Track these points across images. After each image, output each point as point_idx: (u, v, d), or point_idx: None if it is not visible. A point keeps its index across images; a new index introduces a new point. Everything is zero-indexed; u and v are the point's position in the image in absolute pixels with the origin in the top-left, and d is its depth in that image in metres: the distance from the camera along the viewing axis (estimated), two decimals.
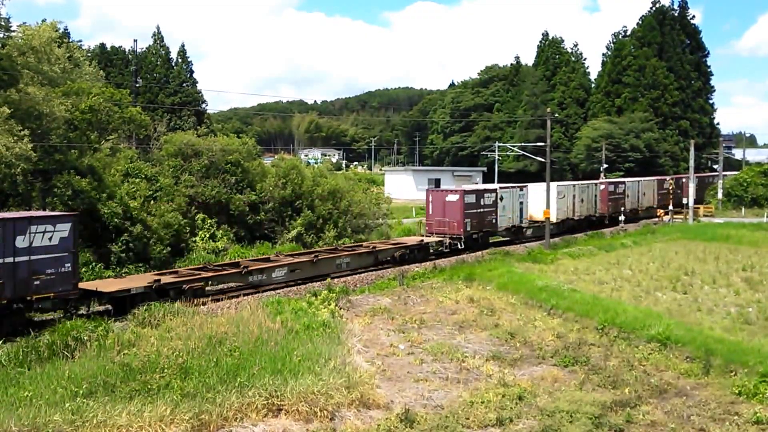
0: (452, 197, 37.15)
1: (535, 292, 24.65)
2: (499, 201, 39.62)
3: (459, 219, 36.55)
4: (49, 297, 19.71)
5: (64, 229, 19.90)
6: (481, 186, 43.77)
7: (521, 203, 42.22)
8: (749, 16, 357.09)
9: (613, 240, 42.05)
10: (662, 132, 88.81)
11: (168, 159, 40.69)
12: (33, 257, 19.24)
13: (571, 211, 46.71)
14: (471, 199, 37.33)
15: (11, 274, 18.83)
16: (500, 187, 41.09)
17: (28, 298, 19.30)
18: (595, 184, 50.94)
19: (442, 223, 36.87)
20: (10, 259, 18.80)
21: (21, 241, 19.00)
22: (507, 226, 41.10)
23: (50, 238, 19.59)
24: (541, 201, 41.30)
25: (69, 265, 20.07)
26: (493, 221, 39.44)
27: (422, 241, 35.28)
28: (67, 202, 28.79)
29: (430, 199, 38.14)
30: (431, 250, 35.69)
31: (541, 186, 43.67)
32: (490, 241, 40.49)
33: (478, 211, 37.97)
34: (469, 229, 37.13)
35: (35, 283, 19.29)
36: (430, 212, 37.89)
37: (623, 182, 54.71)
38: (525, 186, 43.66)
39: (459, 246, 36.49)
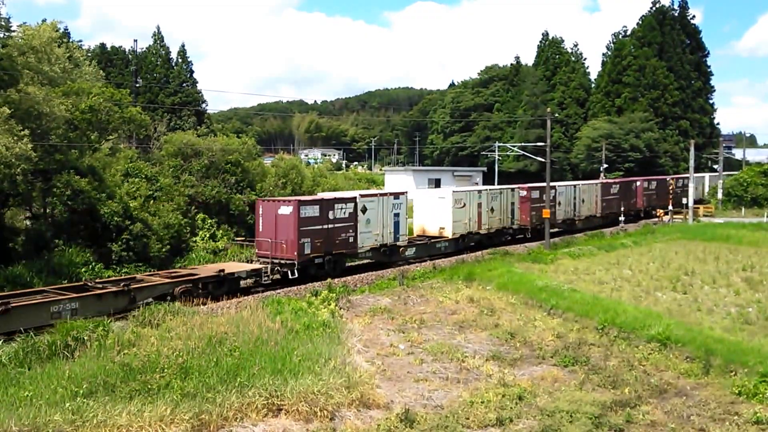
0: (285, 209, 28.21)
1: (535, 292, 24.66)
2: (360, 213, 30.93)
3: (292, 238, 27.78)
4: None
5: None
6: (332, 195, 32.80)
7: (396, 215, 33.08)
8: (749, 16, 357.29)
9: (613, 240, 42.06)
10: (662, 132, 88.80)
11: (168, 159, 40.72)
12: None
13: (475, 223, 38.47)
14: (311, 211, 28.49)
15: None
16: (361, 195, 32.17)
17: None
18: (512, 189, 42.77)
19: (272, 244, 28.09)
20: None
21: None
22: (373, 246, 31.82)
23: None
24: (436, 210, 36.59)
25: None
26: (351, 240, 30.48)
27: (222, 271, 25.60)
28: (67, 202, 28.82)
29: (261, 212, 29.14)
30: (241, 283, 26.92)
31: (430, 192, 39.42)
32: (348, 265, 32.39)
33: (325, 227, 28.98)
34: (308, 251, 28.28)
35: None
36: (260, 229, 29.02)
37: (554, 187, 44.53)
38: (403, 193, 34.64)
39: (291, 275, 27.62)
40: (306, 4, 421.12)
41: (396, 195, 33.70)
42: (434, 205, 36.83)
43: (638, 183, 57.68)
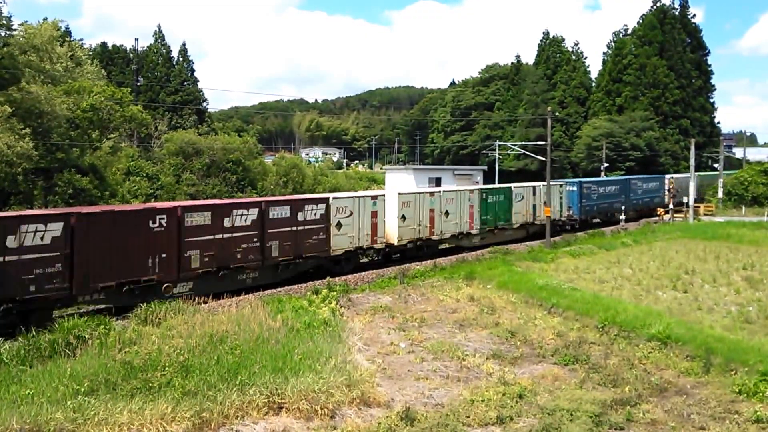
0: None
1: (535, 290, 24.67)
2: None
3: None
4: None
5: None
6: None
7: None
8: (751, 15, 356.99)
9: (613, 239, 42.03)
10: (663, 131, 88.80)
11: (169, 157, 40.81)
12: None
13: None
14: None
15: None
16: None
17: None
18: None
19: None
20: None
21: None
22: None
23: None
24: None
25: None
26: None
27: None
28: (68, 200, 28.87)
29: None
30: None
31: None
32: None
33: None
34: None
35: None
36: None
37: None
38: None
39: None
40: (307, 3, 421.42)
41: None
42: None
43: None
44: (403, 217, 31.66)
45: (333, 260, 28.43)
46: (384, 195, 31.10)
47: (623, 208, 52.66)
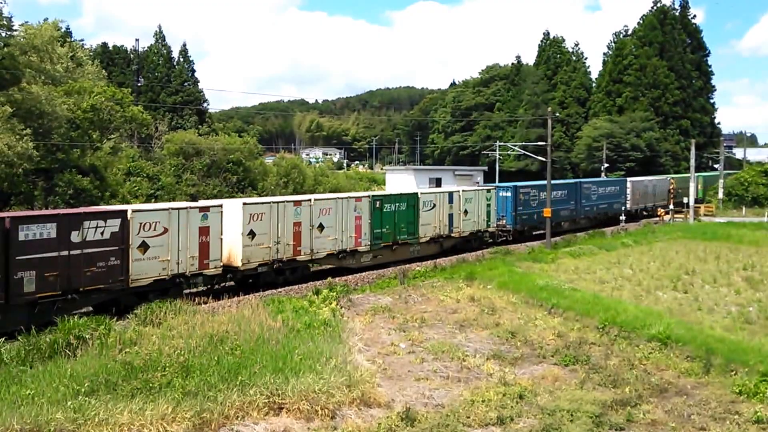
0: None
1: (535, 291, 24.67)
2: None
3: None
4: None
5: None
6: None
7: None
8: (751, 15, 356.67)
9: (613, 239, 42.04)
10: (663, 131, 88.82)
11: (170, 158, 40.83)
12: None
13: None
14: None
15: None
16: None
17: None
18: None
19: None
20: None
21: None
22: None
23: None
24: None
25: None
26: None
27: None
28: (69, 200, 28.89)
29: None
30: None
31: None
32: None
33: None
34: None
35: None
36: None
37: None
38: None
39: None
40: (308, 4, 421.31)
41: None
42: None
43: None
44: (252, 234, 25.29)
45: (136, 293, 21.83)
46: (221, 206, 24.71)
47: (573, 215, 47.23)
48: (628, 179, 56.96)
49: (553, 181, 42.25)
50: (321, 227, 28.21)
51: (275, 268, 26.38)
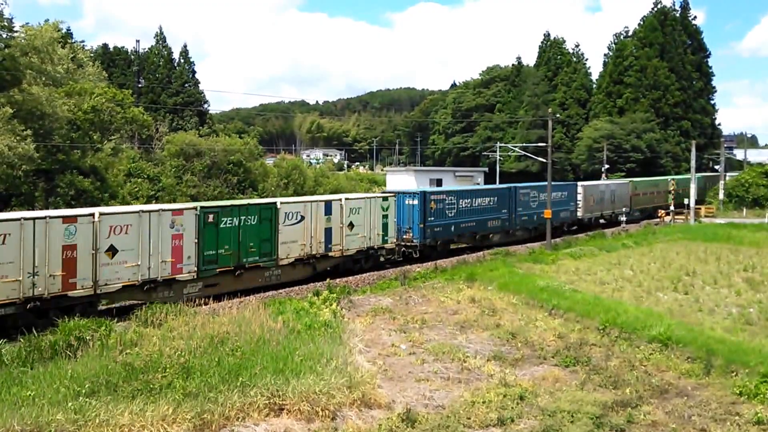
0: None
1: (536, 292, 24.67)
2: None
3: None
4: None
5: None
6: None
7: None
8: (752, 16, 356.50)
9: (614, 240, 42.05)
10: (664, 132, 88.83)
11: (170, 159, 40.87)
12: None
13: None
14: None
15: None
16: None
17: None
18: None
19: None
20: None
21: None
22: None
23: None
24: None
25: None
26: None
27: None
28: (70, 202, 28.92)
29: None
30: None
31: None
32: None
33: None
34: None
35: None
36: None
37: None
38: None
39: None
40: (308, 5, 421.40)
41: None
42: None
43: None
44: None
45: None
46: None
47: (506, 226, 40.68)
48: (579, 183, 50.43)
49: (481, 186, 38.07)
50: (113, 251, 21.12)
51: (30, 307, 19.38)
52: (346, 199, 29.84)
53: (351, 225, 29.60)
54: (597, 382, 16.42)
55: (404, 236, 33.10)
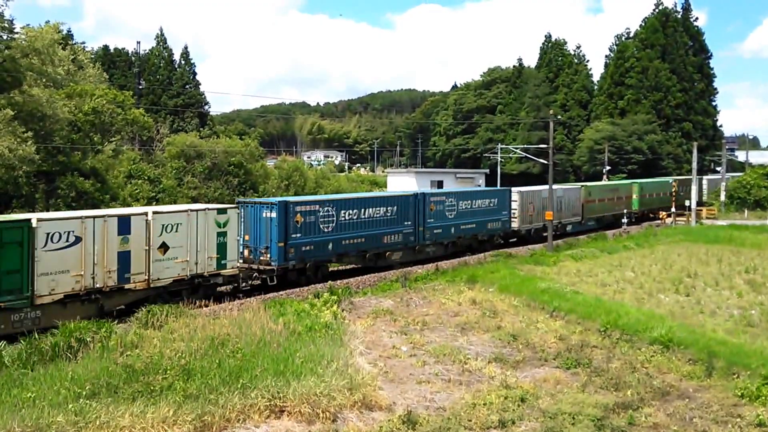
0: None
1: (537, 294, 24.64)
2: None
3: None
4: None
5: None
6: None
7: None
8: (753, 18, 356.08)
9: (615, 242, 42.03)
10: (665, 134, 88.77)
11: (171, 161, 40.88)
12: None
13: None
14: None
15: None
16: None
17: None
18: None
19: None
20: None
21: None
22: None
23: None
24: None
25: None
26: None
27: None
28: (70, 203, 28.92)
29: None
30: None
31: None
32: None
33: None
34: None
35: None
36: None
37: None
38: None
39: None
40: (309, 6, 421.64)
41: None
42: None
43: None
44: None
45: None
46: None
47: (412, 242, 33.52)
48: (514, 189, 42.53)
49: (373, 194, 32.84)
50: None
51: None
52: (156, 213, 22.83)
53: (165, 247, 22.86)
54: (598, 384, 16.39)
55: (262, 258, 26.94)
